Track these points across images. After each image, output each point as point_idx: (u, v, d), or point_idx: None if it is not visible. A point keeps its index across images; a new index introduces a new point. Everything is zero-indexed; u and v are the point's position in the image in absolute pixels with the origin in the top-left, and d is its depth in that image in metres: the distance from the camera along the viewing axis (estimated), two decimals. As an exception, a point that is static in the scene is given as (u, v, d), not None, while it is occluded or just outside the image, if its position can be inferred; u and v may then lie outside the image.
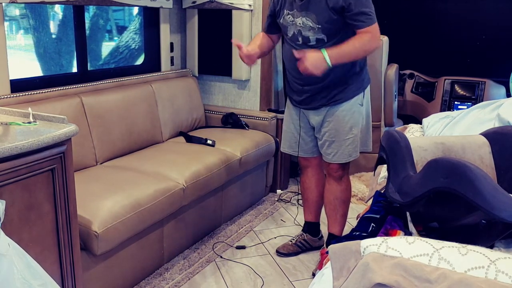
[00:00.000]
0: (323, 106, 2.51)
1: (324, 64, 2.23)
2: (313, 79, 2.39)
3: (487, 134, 1.63)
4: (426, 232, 1.47)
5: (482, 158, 1.56)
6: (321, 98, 2.49)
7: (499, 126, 1.74)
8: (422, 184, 1.32)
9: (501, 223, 1.19)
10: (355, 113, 2.50)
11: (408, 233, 1.62)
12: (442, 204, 1.33)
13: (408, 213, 1.55)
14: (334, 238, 2.56)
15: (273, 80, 3.82)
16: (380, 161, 1.67)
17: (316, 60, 2.22)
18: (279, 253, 2.84)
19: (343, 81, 2.46)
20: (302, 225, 2.95)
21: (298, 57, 2.24)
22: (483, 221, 1.22)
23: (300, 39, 2.42)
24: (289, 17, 2.44)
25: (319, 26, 2.34)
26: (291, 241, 2.89)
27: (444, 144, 1.58)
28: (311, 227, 2.88)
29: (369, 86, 2.61)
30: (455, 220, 1.32)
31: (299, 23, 2.39)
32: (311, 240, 2.88)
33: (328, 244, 2.64)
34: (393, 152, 1.52)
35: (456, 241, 1.22)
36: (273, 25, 2.61)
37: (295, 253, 2.84)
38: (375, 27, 2.33)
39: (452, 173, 1.24)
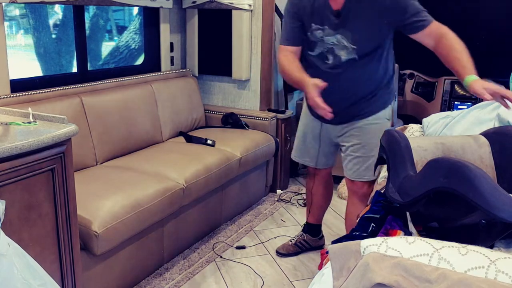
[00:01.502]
0: (349, 121, 2.34)
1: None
2: (343, 98, 2.24)
3: (487, 134, 1.63)
4: (426, 232, 1.48)
5: (482, 158, 1.56)
6: (348, 113, 2.31)
7: (499, 126, 1.75)
8: (422, 184, 1.33)
9: (500, 223, 1.19)
10: (382, 127, 2.25)
11: (408, 233, 1.62)
12: (442, 204, 1.34)
13: (408, 213, 1.56)
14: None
15: (273, 80, 3.82)
16: (380, 161, 1.67)
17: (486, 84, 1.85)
18: (278, 253, 2.84)
19: (372, 94, 2.29)
20: (302, 226, 2.95)
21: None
22: (483, 221, 1.22)
23: (330, 58, 2.19)
24: (319, 33, 2.18)
25: (355, 46, 2.14)
26: (290, 241, 2.89)
27: (444, 144, 1.58)
28: (312, 228, 2.87)
29: (396, 100, 2.46)
30: (455, 220, 1.32)
31: (332, 41, 2.16)
32: (311, 240, 2.87)
33: None
34: (393, 152, 1.52)
35: (456, 241, 1.22)
36: (301, 34, 2.26)
37: (295, 254, 2.84)
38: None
39: (451, 173, 1.24)
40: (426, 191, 1.30)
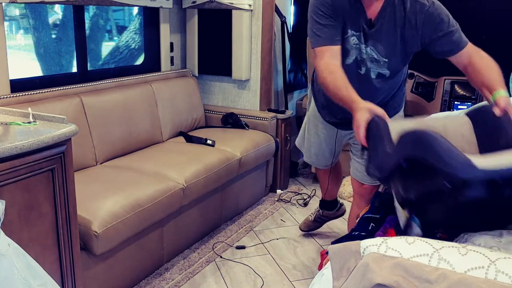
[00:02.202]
0: None
1: None
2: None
3: (469, 112, 1.67)
4: (405, 207, 1.52)
5: (463, 135, 1.59)
6: None
7: (480, 104, 1.77)
8: (394, 157, 1.41)
9: (465, 187, 1.23)
10: None
11: (401, 231, 1.62)
12: (415, 176, 1.38)
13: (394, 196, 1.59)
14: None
15: (273, 80, 3.82)
16: (364, 148, 1.70)
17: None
18: (301, 229, 3.06)
19: (391, 97, 2.21)
20: (319, 203, 3.00)
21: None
22: (447, 184, 1.24)
23: (363, 69, 2.02)
24: (354, 40, 1.98)
25: (386, 60, 1.98)
26: (310, 216, 3.03)
27: (428, 125, 1.61)
28: (328, 204, 2.96)
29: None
30: (426, 188, 1.35)
31: (365, 51, 1.99)
32: (329, 214, 2.99)
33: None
34: (373, 134, 1.57)
35: (431, 212, 1.33)
36: (339, 34, 1.96)
37: (316, 228, 3.05)
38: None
39: (416, 141, 1.33)
40: (396, 161, 1.38)
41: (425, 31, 1.91)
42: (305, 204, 3.58)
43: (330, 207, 2.98)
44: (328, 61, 1.89)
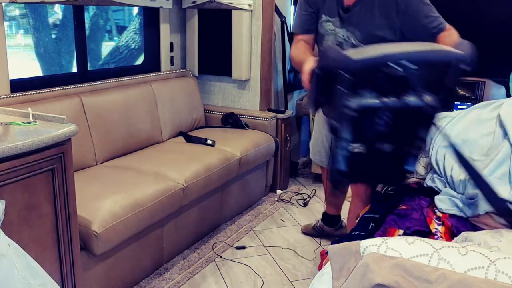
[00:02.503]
0: None
1: None
2: None
3: None
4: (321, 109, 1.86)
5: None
6: None
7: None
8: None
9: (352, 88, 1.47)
10: None
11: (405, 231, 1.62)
12: (326, 86, 1.60)
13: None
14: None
15: (273, 80, 3.82)
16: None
17: None
18: (302, 231, 3.14)
19: None
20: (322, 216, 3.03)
21: None
22: (341, 88, 1.46)
23: None
24: (329, 25, 2.10)
25: (363, 45, 2.05)
26: (313, 222, 3.12)
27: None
28: (328, 218, 2.97)
29: None
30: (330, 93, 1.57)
31: (342, 35, 2.07)
32: (328, 230, 3.01)
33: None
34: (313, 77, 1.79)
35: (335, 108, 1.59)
36: (314, 22, 2.16)
37: (313, 236, 3.09)
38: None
39: (323, 53, 1.70)
40: (315, 82, 1.65)
41: (402, 17, 1.99)
42: (305, 204, 3.58)
43: (330, 223, 2.96)
44: (298, 45, 2.16)
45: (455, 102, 3.97)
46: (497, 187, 1.74)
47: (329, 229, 2.99)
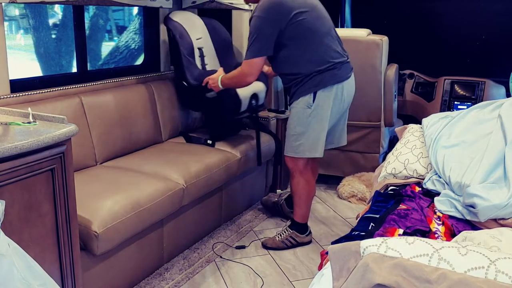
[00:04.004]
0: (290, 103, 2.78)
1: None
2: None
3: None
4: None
5: None
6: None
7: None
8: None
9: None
10: (298, 112, 2.67)
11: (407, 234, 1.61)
12: None
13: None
14: (297, 224, 2.92)
15: (273, 80, 3.81)
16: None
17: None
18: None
19: (290, 86, 2.74)
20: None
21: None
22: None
23: None
24: None
25: None
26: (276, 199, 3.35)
27: None
28: (290, 200, 3.15)
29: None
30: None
31: None
32: (285, 209, 3.28)
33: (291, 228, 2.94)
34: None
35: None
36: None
37: (267, 208, 3.41)
38: (248, 62, 2.59)
39: None
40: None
41: None
42: (305, 204, 3.57)
43: (291, 204, 3.11)
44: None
45: (455, 102, 3.97)
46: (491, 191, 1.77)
47: (287, 210, 3.26)
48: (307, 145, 2.69)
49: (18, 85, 2.56)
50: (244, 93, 3.04)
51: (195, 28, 3.30)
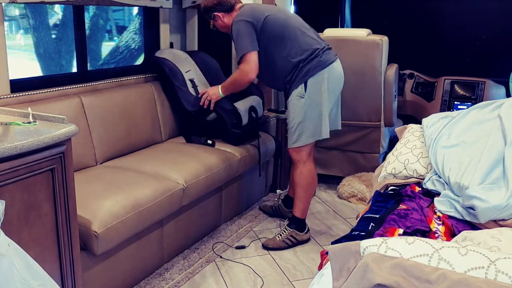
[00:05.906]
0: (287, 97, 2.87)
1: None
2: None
3: None
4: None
5: None
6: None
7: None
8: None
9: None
10: (294, 105, 2.77)
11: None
12: None
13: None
14: (296, 220, 2.94)
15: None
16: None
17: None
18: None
19: (285, 88, 2.85)
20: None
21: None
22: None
23: None
24: None
25: None
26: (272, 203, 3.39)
27: None
28: (288, 200, 3.26)
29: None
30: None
31: None
32: (283, 210, 3.31)
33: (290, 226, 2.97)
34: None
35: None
36: None
37: (266, 213, 3.40)
38: (243, 59, 2.73)
39: None
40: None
41: None
42: (305, 204, 3.57)
43: (289, 205, 3.16)
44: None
45: (455, 102, 3.97)
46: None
47: (285, 210, 3.28)
48: (309, 131, 2.77)
49: (18, 85, 2.56)
50: (242, 107, 3.10)
51: (182, 62, 3.34)
